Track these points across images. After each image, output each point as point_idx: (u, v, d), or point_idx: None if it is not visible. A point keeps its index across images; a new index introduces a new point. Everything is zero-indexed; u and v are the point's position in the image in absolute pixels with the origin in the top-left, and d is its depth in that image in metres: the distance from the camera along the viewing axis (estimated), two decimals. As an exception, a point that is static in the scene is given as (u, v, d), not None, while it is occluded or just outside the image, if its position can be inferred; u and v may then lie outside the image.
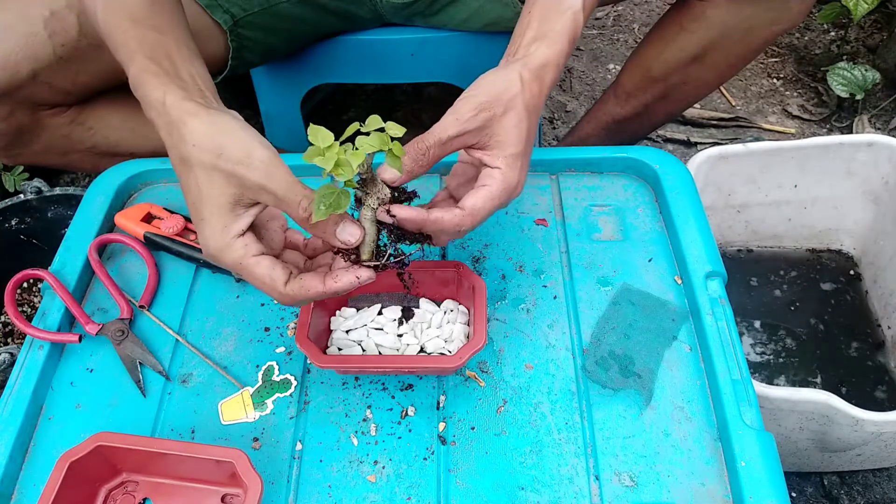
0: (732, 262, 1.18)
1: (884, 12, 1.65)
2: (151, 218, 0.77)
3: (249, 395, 0.65)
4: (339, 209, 0.50)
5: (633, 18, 1.76)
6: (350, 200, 0.51)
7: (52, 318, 0.69)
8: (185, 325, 0.71)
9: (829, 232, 1.16)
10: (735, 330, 0.65)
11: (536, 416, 0.63)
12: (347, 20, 1.01)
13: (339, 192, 0.50)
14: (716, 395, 0.62)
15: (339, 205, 0.50)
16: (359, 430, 0.62)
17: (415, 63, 1.07)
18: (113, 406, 0.65)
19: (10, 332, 1.15)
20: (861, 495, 0.98)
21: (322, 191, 0.50)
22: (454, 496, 0.58)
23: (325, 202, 0.49)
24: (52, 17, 0.82)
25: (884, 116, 1.48)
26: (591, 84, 1.61)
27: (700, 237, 0.72)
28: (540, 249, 0.75)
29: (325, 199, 0.49)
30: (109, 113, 0.94)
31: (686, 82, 0.99)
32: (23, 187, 1.12)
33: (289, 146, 1.19)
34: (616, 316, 0.69)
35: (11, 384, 0.65)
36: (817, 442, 0.87)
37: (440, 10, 0.99)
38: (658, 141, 1.48)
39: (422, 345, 0.64)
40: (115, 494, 0.59)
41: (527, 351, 0.67)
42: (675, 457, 0.60)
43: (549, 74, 0.60)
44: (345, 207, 0.50)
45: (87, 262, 0.74)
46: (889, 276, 1.07)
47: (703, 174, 1.03)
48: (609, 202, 0.79)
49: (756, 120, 1.50)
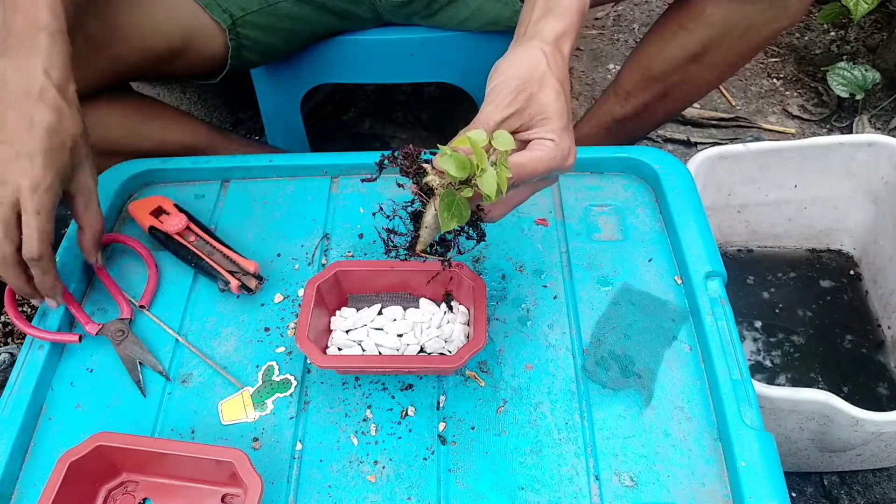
0: (732, 262, 1.18)
1: (884, 12, 1.65)
2: (161, 212, 0.77)
3: (249, 395, 0.65)
4: (463, 220, 0.51)
5: (633, 18, 1.76)
6: (469, 210, 0.52)
7: (51, 319, 0.69)
8: (185, 325, 0.71)
9: (829, 232, 1.16)
10: (735, 330, 0.65)
11: (536, 416, 0.63)
12: (347, 20, 1.01)
13: (459, 202, 0.51)
14: (716, 395, 0.62)
15: (462, 215, 0.51)
16: (359, 430, 0.62)
17: (415, 63, 1.07)
18: (113, 406, 0.65)
19: (10, 332, 1.14)
20: (861, 495, 0.98)
21: (446, 200, 0.50)
22: (454, 496, 0.58)
23: (449, 211, 0.50)
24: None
25: (884, 116, 1.48)
26: (591, 84, 1.61)
27: (700, 237, 0.72)
28: (540, 249, 0.75)
29: (448, 208, 0.50)
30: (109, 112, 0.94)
31: (686, 81, 0.98)
32: (22, 187, 1.12)
33: (289, 146, 1.19)
34: (616, 316, 0.69)
35: (11, 384, 0.65)
36: (817, 442, 0.87)
37: (439, 9, 0.99)
38: (658, 141, 1.48)
39: (422, 345, 0.64)
40: (115, 494, 0.59)
41: (527, 351, 0.67)
42: (675, 457, 0.60)
43: (565, 45, 0.60)
44: (467, 218, 0.51)
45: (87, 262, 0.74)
46: (889, 276, 1.07)
47: (703, 174, 1.03)
48: (609, 202, 0.79)
49: (756, 120, 1.50)
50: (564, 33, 0.60)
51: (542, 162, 0.55)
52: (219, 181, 0.83)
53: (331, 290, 0.67)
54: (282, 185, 0.83)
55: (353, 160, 0.82)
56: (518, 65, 0.57)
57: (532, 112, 0.56)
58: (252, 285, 0.70)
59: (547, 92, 0.56)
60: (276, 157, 0.84)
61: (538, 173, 0.55)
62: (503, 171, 0.51)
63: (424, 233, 0.55)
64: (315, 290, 0.64)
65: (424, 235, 0.55)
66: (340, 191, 0.82)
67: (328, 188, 0.82)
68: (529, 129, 0.56)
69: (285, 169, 0.83)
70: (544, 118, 0.56)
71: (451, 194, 0.51)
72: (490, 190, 0.49)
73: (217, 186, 0.83)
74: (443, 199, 0.51)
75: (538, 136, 0.56)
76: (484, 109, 0.56)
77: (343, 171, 0.83)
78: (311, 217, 0.79)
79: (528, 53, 0.58)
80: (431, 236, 0.55)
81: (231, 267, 0.71)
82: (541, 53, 0.57)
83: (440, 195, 0.51)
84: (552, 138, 0.56)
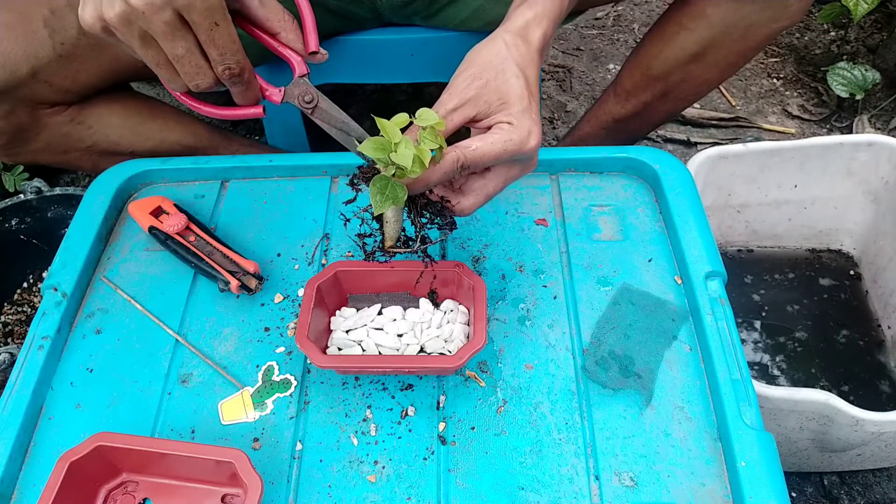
0: (732, 262, 1.18)
1: (884, 12, 1.65)
2: (161, 212, 0.77)
3: (249, 395, 0.65)
4: (399, 202, 0.51)
5: (633, 18, 1.76)
6: (406, 191, 0.52)
7: (51, 319, 0.69)
8: (185, 325, 0.71)
9: (829, 232, 1.16)
10: (735, 330, 0.65)
11: (536, 416, 0.63)
12: (347, 20, 1.01)
13: (394, 184, 0.52)
14: (716, 395, 0.62)
15: (397, 197, 0.51)
16: (359, 430, 0.62)
17: (415, 63, 1.07)
18: (113, 406, 0.65)
19: (10, 332, 1.15)
20: (861, 495, 0.98)
21: (378, 184, 0.51)
22: (454, 496, 0.58)
23: (382, 194, 0.51)
24: (52, 15, 0.82)
25: (884, 116, 1.48)
26: (591, 84, 1.61)
27: (700, 237, 0.72)
28: (540, 249, 0.75)
29: (382, 191, 0.51)
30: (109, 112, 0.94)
31: (686, 81, 0.98)
32: (23, 187, 1.12)
33: (289, 146, 1.19)
34: (616, 316, 0.69)
35: (11, 384, 0.65)
36: (817, 442, 0.87)
37: (440, 9, 0.99)
38: (658, 141, 1.48)
39: (422, 345, 0.64)
40: (115, 494, 0.59)
41: (527, 351, 0.67)
42: (675, 457, 0.60)
43: (533, 33, 0.60)
44: (403, 199, 0.52)
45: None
46: (889, 276, 1.07)
47: (703, 174, 1.03)
48: (609, 202, 0.79)
49: (756, 120, 1.50)
50: (533, 20, 0.60)
51: (495, 145, 0.55)
52: (219, 181, 0.83)
53: (331, 290, 0.67)
54: (282, 185, 0.83)
55: (353, 160, 0.82)
56: (478, 55, 0.58)
57: (489, 99, 0.56)
58: (252, 285, 0.70)
59: (505, 77, 0.56)
60: (276, 157, 0.84)
61: (495, 156, 0.55)
62: (424, 145, 0.51)
63: (387, 228, 0.56)
64: (315, 290, 0.64)
65: (389, 231, 0.57)
66: (340, 191, 0.82)
67: (328, 188, 0.82)
68: (489, 116, 0.57)
69: (285, 169, 0.83)
70: (502, 103, 0.56)
71: (382, 178, 0.52)
72: (405, 162, 0.50)
73: (217, 186, 0.83)
74: (374, 184, 0.51)
75: (497, 121, 0.56)
76: (441, 98, 0.57)
77: (343, 171, 0.83)
78: (311, 217, 0.79)
79: (489, 43, 0.58)
80: (395, 230, 0.56)
81: (231, 267, 0.71)
82: (501, 42, 0.58)
83: (372, 181, 0.52)
84: (509, 121, 0.56)
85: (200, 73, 0.54)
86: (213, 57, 0.54)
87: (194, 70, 0.54)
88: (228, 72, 0.55)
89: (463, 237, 0.76)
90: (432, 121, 0.53)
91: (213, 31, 0.52)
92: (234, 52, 0.54)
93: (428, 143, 0.51)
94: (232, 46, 0.54)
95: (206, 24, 0.51)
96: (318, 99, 0.59)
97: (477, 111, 0.56)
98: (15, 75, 0.82)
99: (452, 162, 0.54)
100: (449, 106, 0.56)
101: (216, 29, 0.52)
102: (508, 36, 0.59)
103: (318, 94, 0.60)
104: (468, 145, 0.54)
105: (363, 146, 0.52)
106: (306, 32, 0.60)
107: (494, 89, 0.56)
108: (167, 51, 0.53)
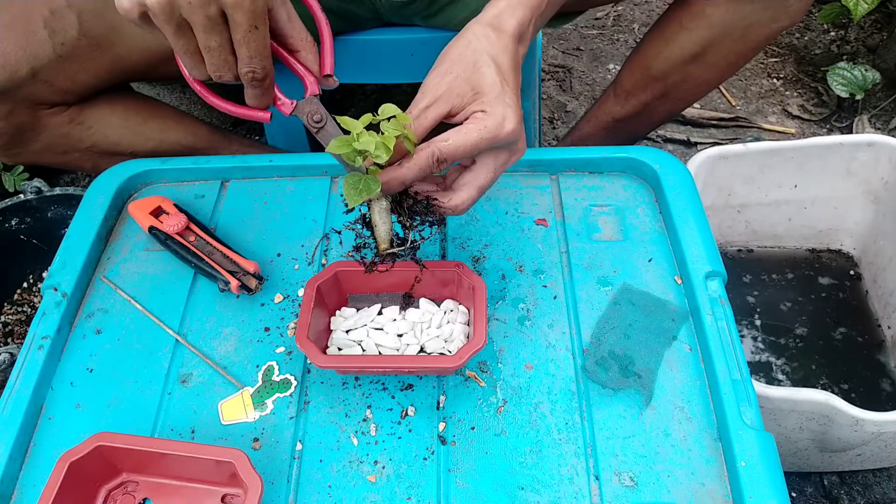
0: (732, 262, 1.18)
1: (884, 12, 1.65)
2: (161, 212, 0.77)
3: (249, 395, 0.65)
4: (372, 193, 0.52)
5: (633, 18, 1.76)
6: (379, 183, 0.53)
7: (51, 319, 0.69)
8: (185, 325, 0.71)
9: (829, 232, 1.16)
10: (735, 330, 0.65)
11: (536, 416, 0.63)
12: (347, 20, 1.01)
13: (367, 178, 0.52)
14: (716, 395, 0.62)
15: (370, 189, 0.52)
16: (359, 430, 0.62)
17: (415, 63, 1.07)
18: (113, 406, 0.65)
19: (10, 332, 1.15)
20: (861, 495, 0.98)
21: (350, 179, 0.51)
22: (454, 496, 0.58)
23: (356, 188, 0.51)
24: (52, 15, 0.82)
25: (884, 116, 1.48)
26: (591, 84, 1.61)
27: (700, 237, 0.72)
28: (540, 249, 0.75)
29: (355, 186, 0.51)
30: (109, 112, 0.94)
31: (686, 81, 0.98)
32: (23, 187, 1.12)
33: (289, 146, 1.19)
34: (616, 316, 0.69)
35: (11, 384, 0.65)
36: (817, 442, 0.87)
37: (440, 10, 0.99)
38: (658, 141, 1.48)
39: (422, 345, 0.64)
40: (115, 494, 0.59)
41: (527, 351, 0.67)
42: (675, 457, 0.60)
43: (506, 21, 0.60)
44: (377, 190, 0.52)
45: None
46: (889, 276, 1.07)
47: (703, 174, 1.03)
48: (609, 202, 0.79)
49: (756, 120, 1.50)
50: (506, 8, 0.60)
51: (469, 134, 0.55)
52: (219, 181, 0.83)
53: (331, 290, 0.67)
54: (282, 185, 0.83)
55: (353, 160, 0.82)
56: (447, 51, 0.58)
57: (461, 92, 0.56)
58: (252, 285, 0.70)
59: (476, 67, 0.56)
60: (276, 157, 0.84)
61: (473, 146, 0.55)
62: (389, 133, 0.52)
63: (377, 231, 0.57)
64: (315, 290, 0.64)
65: (379, 234, 0.57)
66: (340, 191, 0.82)
67: (328, 188, 0.82)
68: (464, 109, 0.57)
69: (285, 169, 0.83)
70: (475, 93, 0.56)
71: (355, 174, 0.52)
72: (368, 146, 0.51)
73: (217, 186, 0.83)
74: (346, 180, 0.52)
75: (471, 112, 0.56)
76: (414, 99, 0.57)
77: (343, 171, 0.83)
78: (311, 217, 0.79)
79: (458, 38, 0.59)
80: (386, 231, 0.57)
81: (231, 267, 0.71)
82: (470, 34, 0.58)
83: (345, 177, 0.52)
84: (482, 109, 0.56)
85: (226, 66, 0.55)
86: (241, 56, 0.54)
87: (222, 63, 0.55)
88: (252, 74, 0.55)
89: (463, 237, 0.76)
90: (393, 112, 0.53)
91: (251, 33, 0.53)
92: (264, 56, 0.55)
93: (391, 131, 0.52)
94: (263, 52, 0.55)
95: (246, 24, 0.52)
96: (326, 121, 0.60)
97: (451, 106, 0.56)
98: (15, 76, 0.82)
99: (427, 156, 0.54)
100: (422, 104, 0.56)
101: (254, 32, 0.53)
102: (478, 27, 0.59)
103: (328, 116, 0.60)
104: (443, 139, 0.55)
105: (330, 146, 0.52)
106: (324, 55, 0.61)
107: (465, 80, 0.56)
108: (201, 42, 0.54)
